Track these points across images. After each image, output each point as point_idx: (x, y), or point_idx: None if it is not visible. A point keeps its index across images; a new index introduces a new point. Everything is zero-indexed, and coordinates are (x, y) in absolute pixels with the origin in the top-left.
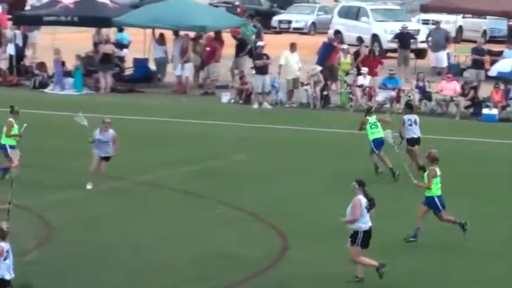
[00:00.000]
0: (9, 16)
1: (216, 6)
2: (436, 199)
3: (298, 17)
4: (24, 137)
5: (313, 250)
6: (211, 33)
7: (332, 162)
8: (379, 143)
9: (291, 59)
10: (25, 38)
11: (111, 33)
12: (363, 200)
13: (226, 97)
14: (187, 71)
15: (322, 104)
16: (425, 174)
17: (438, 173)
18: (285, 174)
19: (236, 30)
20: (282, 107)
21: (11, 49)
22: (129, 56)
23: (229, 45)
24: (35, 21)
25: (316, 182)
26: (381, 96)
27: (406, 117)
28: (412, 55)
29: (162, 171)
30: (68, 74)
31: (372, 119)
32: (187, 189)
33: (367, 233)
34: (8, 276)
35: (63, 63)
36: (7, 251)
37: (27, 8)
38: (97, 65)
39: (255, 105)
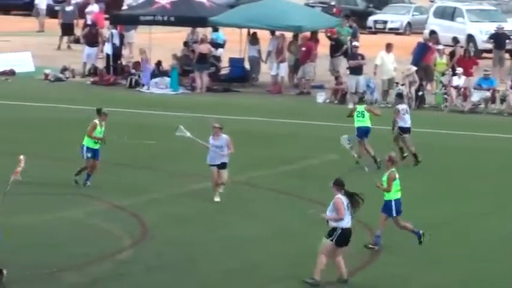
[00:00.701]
0: (107, 16)
1: (312, 7)
2: (393, 203)
3: (393, 17)
4: (121, 136)
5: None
6: (307, 33)
7: (429, 161)
8: (362, 131)
9: (387, 59)
10: (122, 37)
11: (207, 32)
12: (344, 199)
13: (321, 97)
14: (282, 70)
15: (417, 104)
16: (385, 177)
17: (397, 175)
18: (377, 173)
19: (332, 31)
20: (377, 106)
21: (108, 48)
22: (225, 55)
23: (324, 45)
24: (132, 20)
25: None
26: (475, 96)
27: (399, 107)
28: (507, 55)
29: (256, 171)
30: (164, 73)
31: (361, 108)
32: (281, 188)
33: (345, 232)
34: None
35: (159, 63)
36: None
37: (124, 7)
38: (193, 64)
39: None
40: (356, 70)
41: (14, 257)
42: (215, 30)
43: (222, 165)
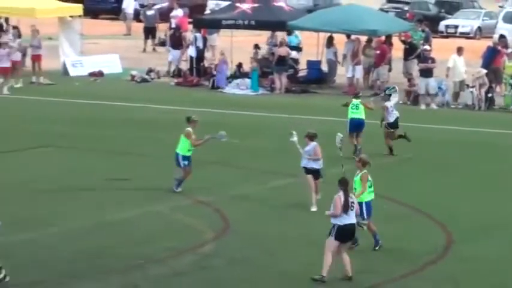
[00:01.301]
0: (190, 20)
1: (386, 12)
2: (364, 205)
3: (464, 22)
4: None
5: (479, 245)
6: (382, 37)
7: (493, 161)
8: (355, 122)
9: (459, 62)
10: (205, 40)
11: (284, 36)
12: (343, 198)
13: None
14: (358, 72)
15: (487, 106)
16: (357, 178)
17: (369, 177)
18: (448, 173)
19: (407, 35)
20: (448, 108)
21: (191, 51)
22: (303, 58)
23: (398, 49)
24: (214, 24)
25: (475, 180)
26: None
27: (388, 103)
28: None
29: (335, 169)
30: (245, 75)
31: (356, 101)
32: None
33: (342, 230)
34: None
35: (240, 65)
36: None
37: (207, 12)
38: (272, 66)
39: (422, 106)
40: (426, 73)
41: (110, 250)
42: (289, 33)
43: (317, 173)
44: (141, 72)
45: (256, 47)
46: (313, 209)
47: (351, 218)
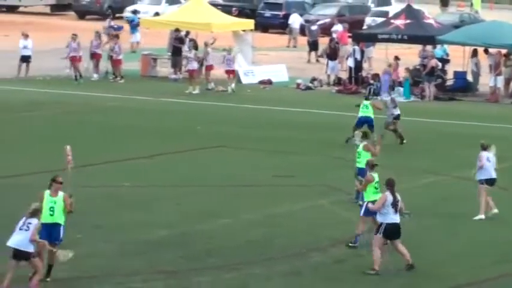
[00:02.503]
0: (349, 34)
1: None
2: (365, 204)
3: None
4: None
5: None
6: None
7: None
8: (363, 120)
9: None
10: (362, 52)
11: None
12: (389, 197)
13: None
14: (499, 82)
15: None
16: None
17: (376, 179)
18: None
19: None
20: None
21: (350, 62)
22: (450, 69)
23: None
24: (371, 38)
25: None
26: None
27: (387, 99)
28: None
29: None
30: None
31: (367, 102)
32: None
33: (389, 227)
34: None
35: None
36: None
37: (364, 27)
38: (423, 76)
39: None
40: None
41: (276, 240)
42: (434, 47)
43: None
44: (305, 80)
45: (397, 58)
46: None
47: (396, 217)
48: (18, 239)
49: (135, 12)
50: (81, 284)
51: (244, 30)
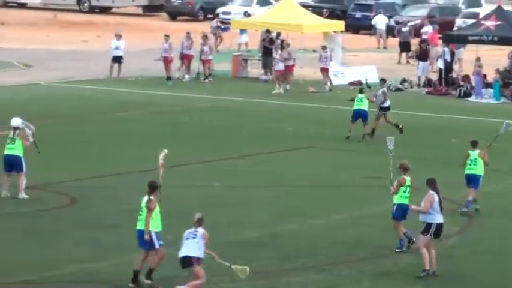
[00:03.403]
0: (440, 35)
1: None
2: (395, 207)
3: None
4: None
5: None
6: None
7: None
8: (357, 113)
9: None
10: (452, 54)
11: None
12: (436, 197)
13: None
14: None
15: None
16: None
17: (408, 183)
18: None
19: None
20: None
21: (440, 63)
22: None
23: None
24: (461, 39)
25: None
26: None
27: (384, 90)
28: None
29: None
30: (488, 85)
31: (361, 95)
32: None
33: (439, 227)
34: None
35: (484, 76)
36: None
37: (455, 28)
38: None
39: None
40: None
41: (365, 240)
42: None
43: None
44: (395, 82)
45: (478, 59)
46: None
47: (441, 216)
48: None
49: (246, 14)
50: (172, 283)
51: (334, 32)
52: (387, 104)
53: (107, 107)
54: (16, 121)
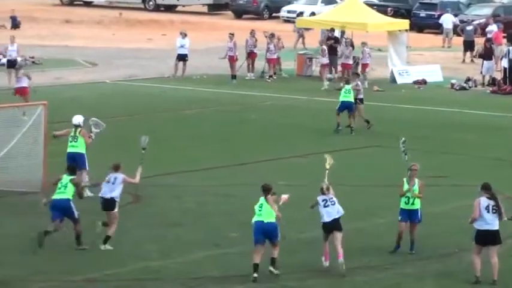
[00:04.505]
0: (504, 34)
1: None
2: (419, 212)
3: None
4: None
5: None
6: None
7: None
8: (345, 105)
9: None
10: None
11: None
12: (483, 201)
13: None
14: None
15: None
16: (416, 186)
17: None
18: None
19: None
20: None
21: (504, 62)
22: None
23: None
24: None
25: None
26: None
27: (359, 83)
28: None
29: None
30: None
31: (348, 86)
32: None
33: (482, 234)
34: None
35: None
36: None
37: None
38: None
39: None
40: None
41: (429, 239)
42: None
43: None
44: (459, 81)
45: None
46: None
47: (494, 222)
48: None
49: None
50: (234, 281)
51: (399, 30)
52: (361, 96)
53: (172, 105)
54: (77, 119)
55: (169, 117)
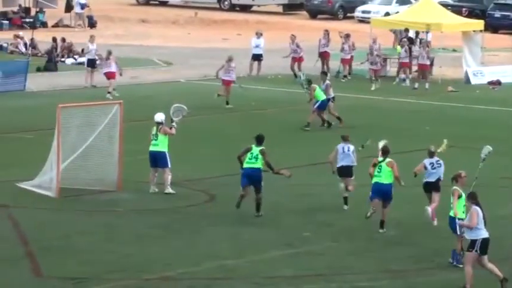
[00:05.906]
0: None
1: None
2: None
3: None
4: None
5: None
6: None
7: None
8: (325, 104)
9: None
10: None
11: None
12: (479, 211)
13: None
14: None
15: None
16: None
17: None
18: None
19: None
20: None
21: None
22: None
23: None
24: None
25: None
26: None
27: (328, 83)
28: None
29: None
30: None
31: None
32: None
33: (486, 242)
34: None
35: None
36: None
37: None
38: None
39: None
40: None
41: (505, 240)
42: None
43: None
44: None
45: None
46: None
47: (486, 231)
48: None
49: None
50: (307, 281)
51: (474, 31)
52: (331, 95)
53: (245, 104)
54: (159, 116)
55: (242, 116)
